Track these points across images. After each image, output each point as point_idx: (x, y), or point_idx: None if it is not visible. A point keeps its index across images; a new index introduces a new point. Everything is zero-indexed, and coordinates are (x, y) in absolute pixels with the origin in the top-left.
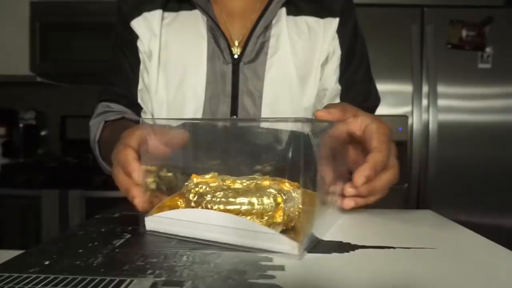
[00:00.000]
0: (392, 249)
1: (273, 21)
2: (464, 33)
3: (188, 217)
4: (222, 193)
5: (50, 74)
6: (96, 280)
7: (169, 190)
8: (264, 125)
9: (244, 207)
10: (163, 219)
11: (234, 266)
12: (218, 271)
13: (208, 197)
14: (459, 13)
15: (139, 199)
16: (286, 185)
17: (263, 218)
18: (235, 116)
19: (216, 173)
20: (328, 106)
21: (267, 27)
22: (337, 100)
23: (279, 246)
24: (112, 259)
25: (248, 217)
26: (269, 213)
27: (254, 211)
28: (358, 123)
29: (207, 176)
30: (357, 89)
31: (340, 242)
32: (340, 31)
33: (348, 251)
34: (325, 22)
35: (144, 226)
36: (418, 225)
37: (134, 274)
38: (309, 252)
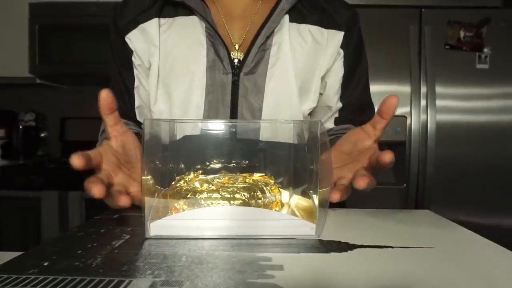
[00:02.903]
0: (390, 248)
1: (275, 29)
2: (462, 33)
3: (200, 216)
4: (221, 190)
5: (49, 75)
6: (95, 281)
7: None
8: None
9: (252, 201)
10: (170, 222)
11: (233, 266)
12: (217, 271)
13: (205, 195)
14: (457, 14)
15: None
16: (260, 178)
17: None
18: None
19: (198, 172)
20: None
21: (269, 35)
22: (336, 115)
23: (296, 230)
24: (111, 260)
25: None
26: (271, 205)
27: (262, 203)
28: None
29: (190, 176)
30: (357, 104)
31: (339, 242)
32: (344, 47)
33: (346, 251)
34: (328, 33)
35: (148, 232)
36: (416, 225)
37: (133, 275)
38: (308, 252)
